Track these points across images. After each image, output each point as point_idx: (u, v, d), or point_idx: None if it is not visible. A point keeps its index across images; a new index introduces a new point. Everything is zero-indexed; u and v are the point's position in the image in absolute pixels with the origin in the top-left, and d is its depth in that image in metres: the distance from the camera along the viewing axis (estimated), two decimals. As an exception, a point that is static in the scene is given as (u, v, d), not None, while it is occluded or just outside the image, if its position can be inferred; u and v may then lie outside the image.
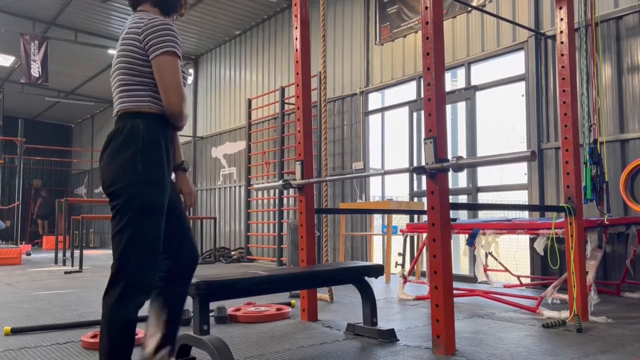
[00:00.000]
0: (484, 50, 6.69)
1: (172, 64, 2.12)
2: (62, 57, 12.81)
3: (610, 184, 5.10)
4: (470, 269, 6.53)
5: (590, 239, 4.14)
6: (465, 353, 2.98)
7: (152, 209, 2.09)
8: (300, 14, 4.19)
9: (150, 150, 2.10)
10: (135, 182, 2.06)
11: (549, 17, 6.02)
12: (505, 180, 6.59)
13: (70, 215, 11.77)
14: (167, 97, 2.13)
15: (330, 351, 3.07)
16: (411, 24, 7.62)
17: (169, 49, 2.12)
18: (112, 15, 10.94)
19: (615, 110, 5.44)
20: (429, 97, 3.10)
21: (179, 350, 2.73)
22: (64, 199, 10.34)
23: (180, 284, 2.30)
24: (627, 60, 5.40)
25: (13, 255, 9.75)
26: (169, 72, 2.12)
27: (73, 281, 6.82)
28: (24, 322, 3.92)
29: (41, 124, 19.73)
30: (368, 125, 8.36)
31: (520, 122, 6.36)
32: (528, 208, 5.76)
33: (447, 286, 2.98)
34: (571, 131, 3.99)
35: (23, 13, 10.92)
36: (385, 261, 6.51)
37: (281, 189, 4.11)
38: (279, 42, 10.33)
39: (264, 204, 10.28)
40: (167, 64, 2.12)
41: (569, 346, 3.13)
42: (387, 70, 8.02)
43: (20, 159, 12.86)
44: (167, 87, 2.12)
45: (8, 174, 16.74)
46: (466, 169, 3.24)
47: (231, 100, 11.80)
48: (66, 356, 2.98)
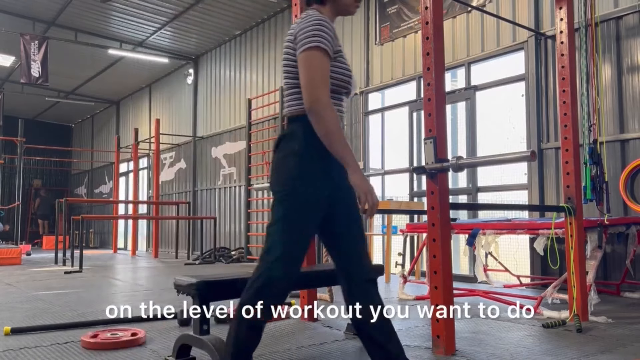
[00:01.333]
0: (484, 50, 6.69)
1: (307, 59, 1.96)
2: (62, 57, 12.81)
3: (610, 184, 5.10)
4: (470, 269, 6.53)
5: (590, 239, 4.14)
6: (465, 353, 2.98)
7: (305, 205, 2.02)
8: (300, 14, 4.19)
9: (307, 154, 2.02)
10: (292, 178, 2.01)
11: (549, 17, 6.02)
12: (505, 180, 6.59)
13: (70, 215, 11.77)
14: (303, 96, 1.98)
15: (330, 351, 3.07)
16: (411, 24, 7.62)
17: (307, 46, 1.97)
18: (112, 15, 10.94)
19: (615, 110, 5.44)
20: (429, 97, 3.10)
21: (179, 350, 2.73)
22: (64, 199, 10.34)
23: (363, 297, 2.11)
24: (627, 60, 5.39)
25: (13, 255, 9.75)
26: (303, 68, 1.97)
27: (73, 281, 6.82)
28: (24, 322, 3.92)
29: (41, 124, 19.74)
30: (368, 125, 8.36)
31: (520, 122, 6.36)
32: (528, 208, 5.76)
33: (447, 286, 2.98)
34: (571, 131, 3.99)
35: (23, 13, 10.93)
36: (385, 261, 6.52)
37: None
38: (279, 42, 10.33)
39: (264, 204, 10.28)
40: (302, 61, 1.97)
41: (569, 346, 3.13)
42: (387, 70, 8.02)
43: (20, 159, 12.86)
44: (302, 85, 1.98)
45: (8, 174, 16.74)
46: (466, 169, 3.24)
47: (231, 100, 11.80)
48: (66, 356, 2.98)
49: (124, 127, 17.05)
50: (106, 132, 18.29)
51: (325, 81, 1.96)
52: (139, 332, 3.33)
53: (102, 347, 3.11)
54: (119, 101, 17.42)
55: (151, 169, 13.92)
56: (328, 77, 1.99)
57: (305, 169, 2.02)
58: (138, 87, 15.85)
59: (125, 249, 15.21)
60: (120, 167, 15.59)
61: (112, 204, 15.24)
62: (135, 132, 13.63)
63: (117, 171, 14.95)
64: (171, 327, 3.76)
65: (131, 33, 11.94)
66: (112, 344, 3.13)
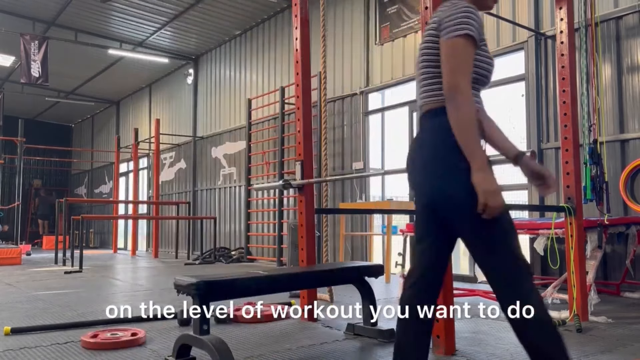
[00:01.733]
0: (484, 50, 6.68)
1: (453, 46, 1.88)
2: (62, 57, 12.81)
3: (610, 184, 5.10)
4: (470, 269, 6.53)
5: (590, 239, 4.14)
6: (465, 353, 2.98)
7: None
8: (300, 14, 4.19)
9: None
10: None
11: (549, 17, 6.02)
12: (505, 180, 6.58)
13: (70, 215, 11.77)
14: (443, 82, 1.90)
15: (330, 351, 3.07)
16: (411, 24, 7.62)
17: (455, 33, 1.88)
18: (112, 15, 10.94)
19: (615, 110, 5.44)
20: (429, 97, 3.09)
21: (179, 350, 2.73)
22: (64, 199, 10.34)
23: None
24: (627, 60, 5.39)
25: (13, 255, 9.75)
26: (447, 55, 1.89)
27: (73, 281, 6.82)
28: (24, 322, 3.92)
29: (41, 124, 19.73)
30: (368, 125, 8.36)
31: (520, 122, 6.36)
32: (528, 208, 5.76)
33: (447, 286, 2.98)
34: (571, 131, 3.99)
35: (23, 13, 10.93)
36: (385, 261, 6.52)
37: (281, 189, 4.11)
38: (279, 42, 10.33)
39: (264, 204, 10.28)
40: (448, 48, 1.89)
41: (569, 346, 3.12)
42: (387, 70, 8.02)
43: (20, 159, 12.86)
44: (444, 72, 1.90)
45: (8, 174, 16.73)
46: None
47: (231, 100, 11.80)
48: (66, 356, 2.98)
49: (124, 127, 17.05)
50: (106, 132, 18.29)
51: (469, 70, 1.89)
52: (139, 332, 3.33)
53: (102, 347, 3.11)
54: (119, 101, 17.42)
55: (151, 169, 13.92)
56: (472, 66, 1.91)
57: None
58: (138, 87, 15.85)
59: (125, 249, 15.21)
60: (120, 167, 15.59)
61: (112, 204, 15.24)
62: (135, 132, 13.63)
63: (117, 171, 14.95)
64: (171, 327, 3.76)
65: (131, 33, 11.94)
66: (112, 344, 3.13)
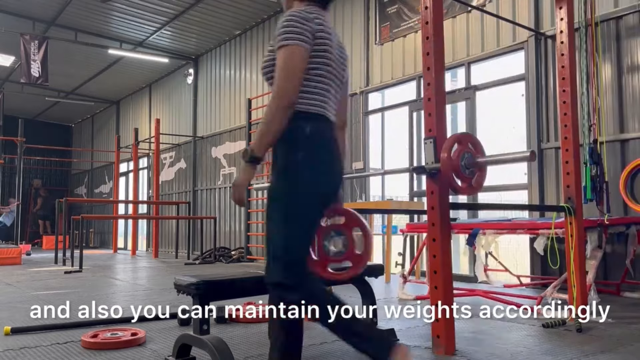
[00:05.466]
0: (484, 50, 6.69)
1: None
2: (62, 57, 12.81)
3: (610, 183, 5.10)
4: (470, 269, 6.53)
5: (590, 238, 4.14)
6: (465, 353, 2.98)
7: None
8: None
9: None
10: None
11: (549, 17, 6.02)
12: (505, 180, 6.59)
13: (70, 215, 11.76)
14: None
15: (330, 351, 3.06)
16: (411, 24, 7.62)
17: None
18: (112, 15, 10.94)
19: (615, 110, 5.44)
20: (429, 97, 3.10)
21: (179, 350, 2.73)
22: (64, 199, 10.34)
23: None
24: (627, 60, 5.39)
25: (13, 255, 9.75)
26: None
27: (73, 281, 6.82)
28: (24, 322, 3.92)
29: (41, 124, 19.72)
30: (368, 125, 8.36)
31: (520, 122, 6.36)
32: (528, 208, 5.76)
33: (447, 286, 2.98)
34: (571, 131, 3.99)
35: (23, 13, 10.92)
36: (385, 261, 6.51)
37: (281, 188, 4.09)
38: (279, 42, 10.32)
39: (264, 204, 10.26)
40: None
41: (569, 346, 3.13)
42: (387, 70, 8.02)
43: (20, 159, 12.85)
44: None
45: (8, 174, 16.72)
46: (466, 168, 3.24)
47: (231, 100, 11.80)
48: (66, 356, 2.98)
49: (124, 127, 17.04)
50: (106, 132, 18.28)
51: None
52: (139, 332, 3.33)
53: (102, 347, 3.11)
54: (119, 101, 17.42)
55: (151, 168, 13.91)
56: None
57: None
58: (138, 87, 15.84)
59: (125, 249, 15.21)
60: (120, 167, 15.59)
61: (112, 203, 15.25)
62: (135, 132, 13.62)
63: (117, 171, 14.95)
64: (171, 327, 3.76)
65: (131, 33, 11.93)
66: (112, 344, 3.13)
